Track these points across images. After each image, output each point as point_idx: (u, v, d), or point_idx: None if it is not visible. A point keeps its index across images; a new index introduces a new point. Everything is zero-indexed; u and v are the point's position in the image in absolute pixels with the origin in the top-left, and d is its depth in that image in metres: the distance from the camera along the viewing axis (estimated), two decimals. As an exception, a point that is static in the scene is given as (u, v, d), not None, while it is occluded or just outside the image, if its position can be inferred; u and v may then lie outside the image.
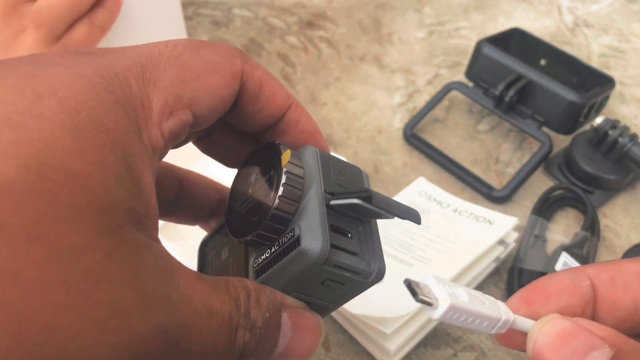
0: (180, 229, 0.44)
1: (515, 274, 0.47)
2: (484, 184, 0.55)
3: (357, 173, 0.24)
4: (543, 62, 0.63)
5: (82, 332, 0.15)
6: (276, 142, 0.23)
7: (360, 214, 0.22)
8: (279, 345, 0.21)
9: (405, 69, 0.69)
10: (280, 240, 0.21)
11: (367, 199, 0.21)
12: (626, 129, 0.53)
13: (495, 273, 0.48)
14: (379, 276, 0.22)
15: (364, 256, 0.22)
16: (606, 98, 0.58)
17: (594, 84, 0.58)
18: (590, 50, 0.73)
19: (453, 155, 0.58)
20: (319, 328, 0.22)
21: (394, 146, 0.60)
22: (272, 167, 0.22)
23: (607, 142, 0.53)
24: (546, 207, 0.52)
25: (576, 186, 0.54)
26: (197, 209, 0.28)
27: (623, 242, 0.51)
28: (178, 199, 0.27)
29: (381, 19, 0.76)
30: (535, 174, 0.56)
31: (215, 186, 0.28)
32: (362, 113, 0.63)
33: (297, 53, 0.70)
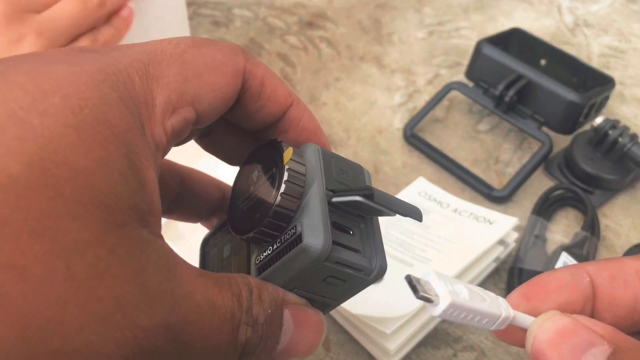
0: (181, 227, 0.44)
1: (515, 274, 0.47)
2: (484, 184, 0.55)
3: (358, 170, 0.24)
4: (543, 62, 0.63)
5: (86, 328, 0.15)
6: (278, 140, 0.23)
7: (362, 211, 0.22)
8: (281, 342, 0.21)
9: (405, 69, 0.69)
10: (282, 237, 0.22)
11: (368, 196, 0.21)
12: (626, 129, 0.54)
13: (495, 273, 0.48)
14: (381, 273, 0.22)
15: (365, 253, 0.22)
16: (606, 98, 0.58)
17: (594, 84, 0.58)
18: (590, 50, 0.73)
19: (453, 155, 0.58)
20: (321, 325, 0.22)
21: (394, 146, 0.60)
22: (274, 165, 0.22)
23: (607, 142, 0.53)
24: (546, 207, 0.52)
25: (576, 186, 0.54)
26: (199, 206, 0.28)
27: (623, 242, 0.51)
28: (180, 196, 0.27)
29: (381, 19, 0.76)
30: (535, 174, 0.56)
31: (217, 184, 0.28)
32: (362, 113, 0.63)
33: (297, 53, 0.70)
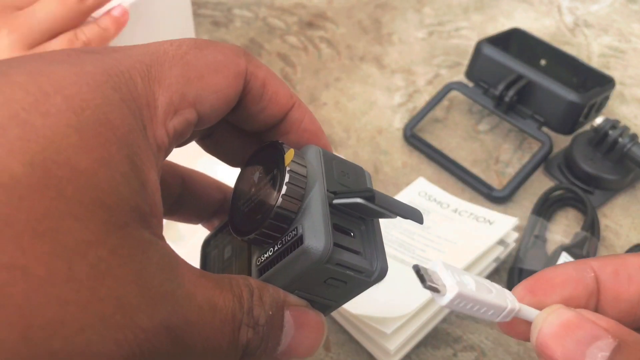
0: (181, 228, 0.44)
1: (515, 274, 0.47)
2: (484, 184, 0.55)
3: (359, 172, 0.24)
4: (543, 62, 0.63)
5: (87, 328, 0.15)
6: (279, 142, 0.23)
7: (363, 214, 0.22)
8: (282, 343, 0.21)
9: (405, 69, 0.69)
10: (283, 239, 0.22)
11: (370, 198, 0.21)
12: (626, 129, 0.54)
13: (495, 273, 0.48)
14: (382, 275, 0.22)
15: (366, 255, 0.22)
16: (606, 98, 0.58)
17: (594, 84, 0.58)
18: (590, 50, 0.73)
19: (453, 155, 0.58)
20: (322, 326, 0.22)
21: (394, 146, 0.60)
22: (275, 166, 0.22)
23: (607, 142, 0.53)
24: (546, 207, 0.52)
25: (576, 186, 0.54)
26: (200, 207, 0.28)
27: (623, 242, 0.51)
28: (181, 197, 0.27)
29: (381, 19, 0.76)
30: (535, 174, 0.56)
31: (218, 185, 0.28)
32: (362, 113, 0.63)
33: (297, 53, 0.70)
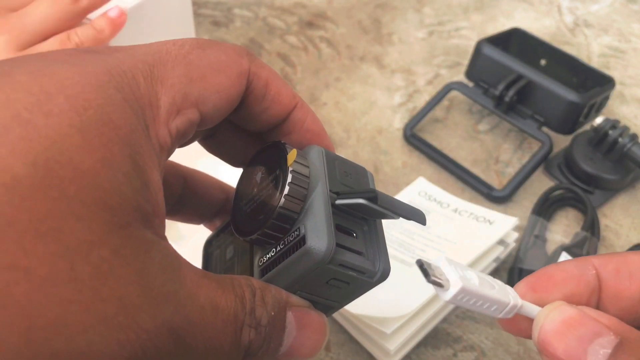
0: (182, 227, 0.44)
1: (515, 274, 0.47)
2: (484, 184, 0.55)
3: (362, 173, 0.24)
4: (543, 62, 0.63)
5: (89, 328, 0.15)
6: (282, 142, 0.23)
7: (366, 214, 0.22)
8: (284, 344, 0.21)
9: (405, 69, 0.69)
10: (286, 239, 0.21)
11: (372, 199, 0.21)
12: (626, 129, 0.54)
13: (495, 273, 0.48)
14: (384, 276, 0.22)
15: (369, 255, 0.22)
16: (606, 98, 0.58)
17: (594, 84, 0.58)
18: (590, 50, 0.73)
19: (453, 155, 0.58)
20: (324, 327, 0.22)
21: (394, 146, 0.60)
22: (277, 167, 0.22)
23: (607, 142, 0.54)
24: (546, 207, 0.52)
25: (576, 186, 0.54)
26: (202, 207, 0.28)
27: (623, 242, 0.51)
28: (183, 197, 0.27)
29: (381, 19, 0.76)
30: (535, 174, 0.56)
31: (221, 185, 0.28)
32: (362, 113, 0.63)
33: (297, 53, 0.70)
